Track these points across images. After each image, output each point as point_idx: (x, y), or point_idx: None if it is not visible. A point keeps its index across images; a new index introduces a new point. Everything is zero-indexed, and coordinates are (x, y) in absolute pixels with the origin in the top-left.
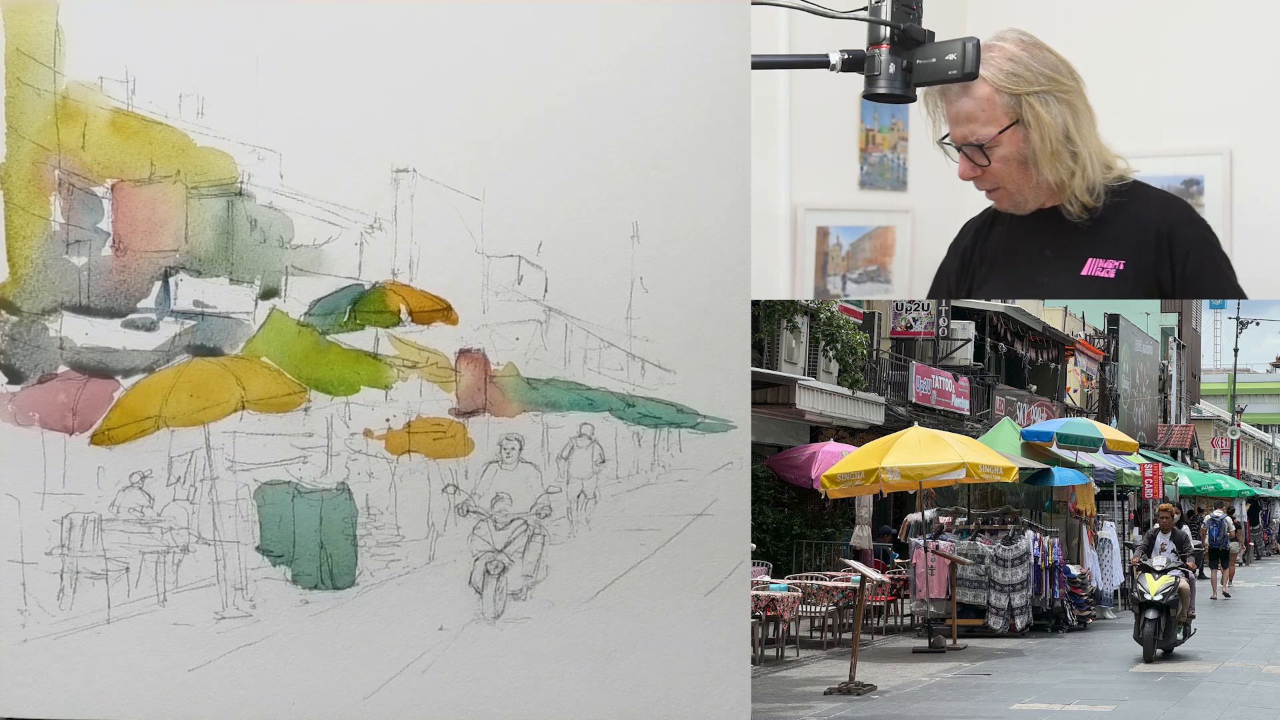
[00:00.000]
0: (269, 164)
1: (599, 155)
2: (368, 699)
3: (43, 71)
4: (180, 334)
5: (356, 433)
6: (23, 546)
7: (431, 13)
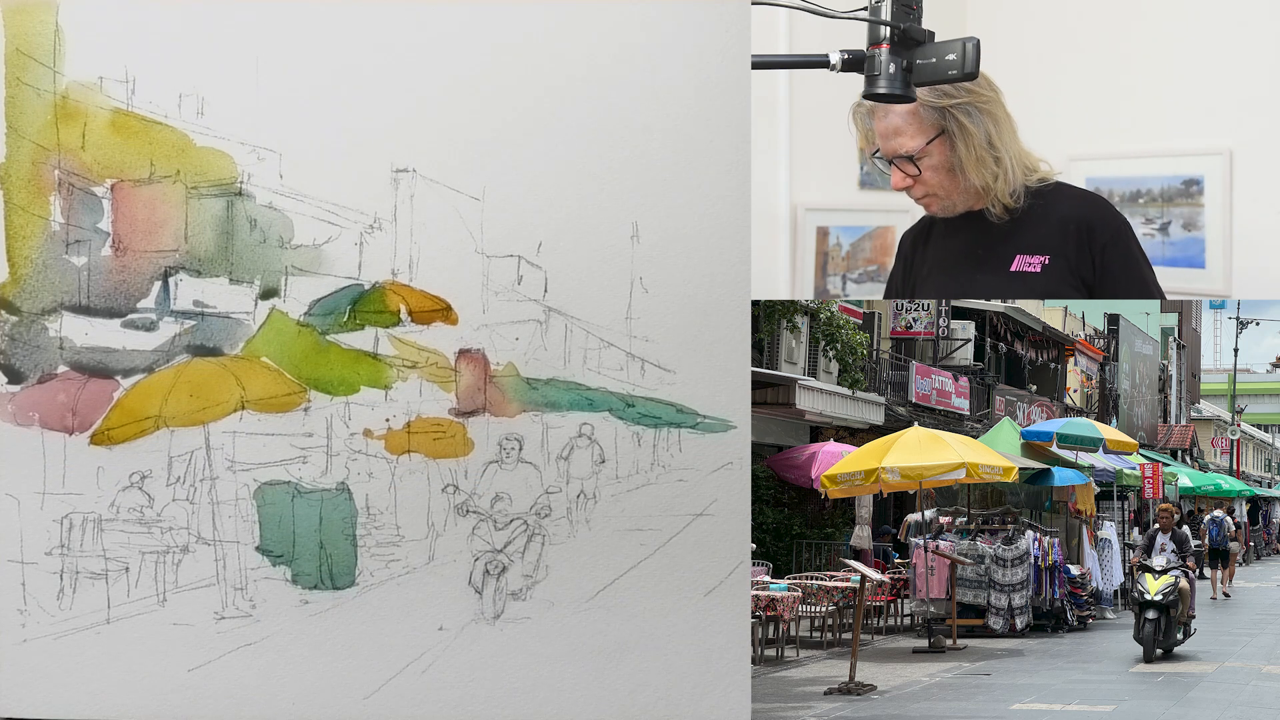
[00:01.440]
0: (269, 164)
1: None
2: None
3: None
4: (180, 334)
5: (356, 433)
6: (23, 546)
7: (432, 13)
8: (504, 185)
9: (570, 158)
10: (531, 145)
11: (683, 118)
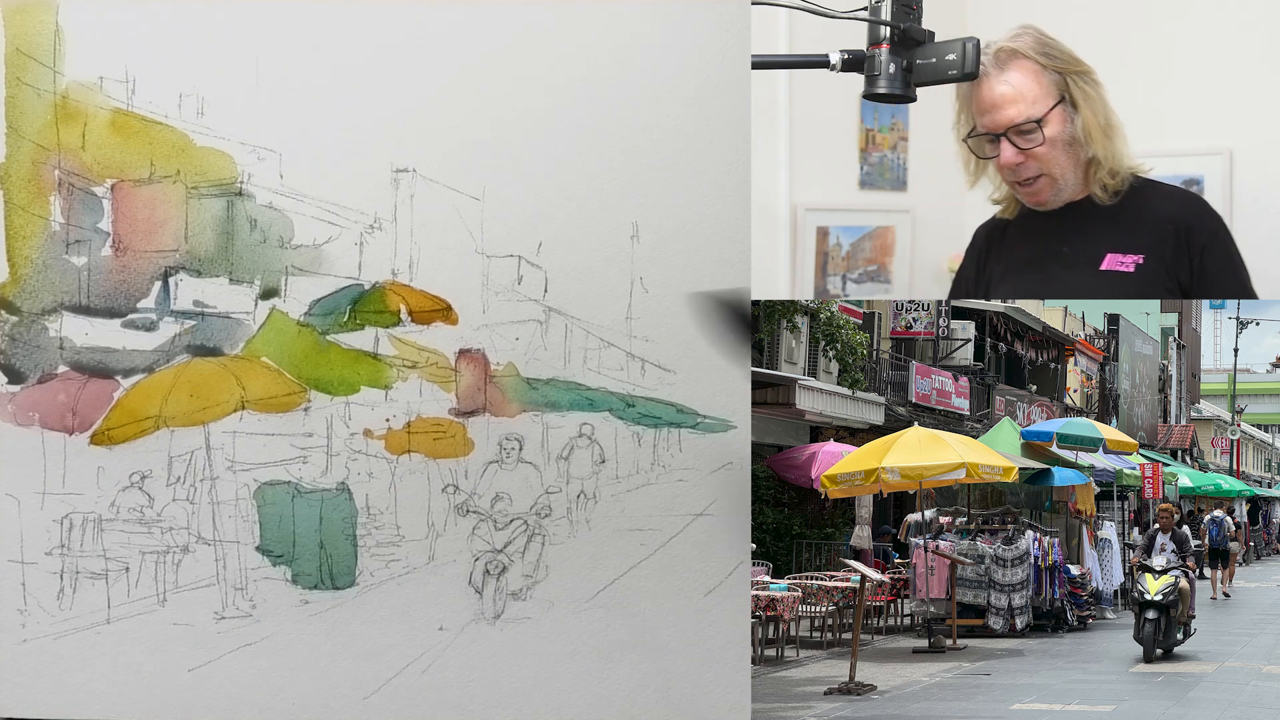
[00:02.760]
0: (269, 164)
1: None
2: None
3: (43, 71)
4: (180, 334)
5: (356, 433)
6: (23, 546)
7: (432, 14)
8: (504, 185)
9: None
10: (531, 145)
11: (683, 118)
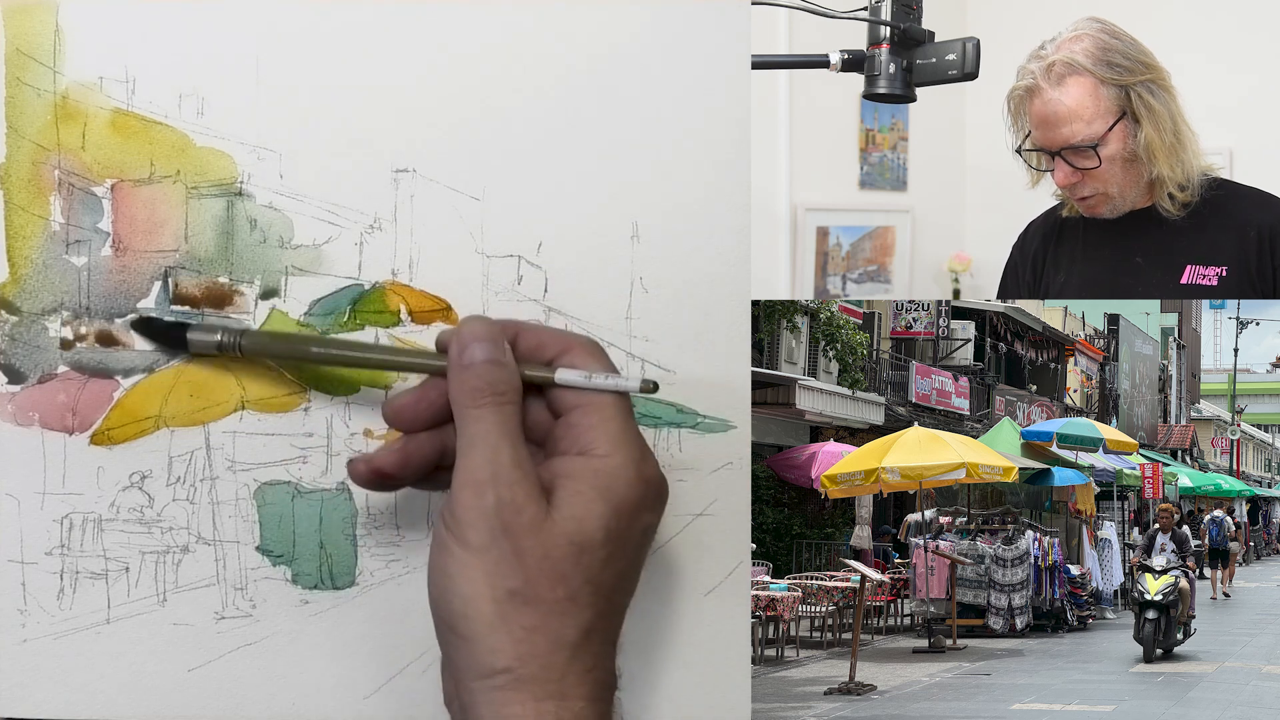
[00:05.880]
0: (269, 164)
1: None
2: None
3: (43, 71)
4: None
5: (356, 433)
6: (23, 546)
7: (432, 13)
8: (504, 185)
9: (570, 157)
10: (531, 145)
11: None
